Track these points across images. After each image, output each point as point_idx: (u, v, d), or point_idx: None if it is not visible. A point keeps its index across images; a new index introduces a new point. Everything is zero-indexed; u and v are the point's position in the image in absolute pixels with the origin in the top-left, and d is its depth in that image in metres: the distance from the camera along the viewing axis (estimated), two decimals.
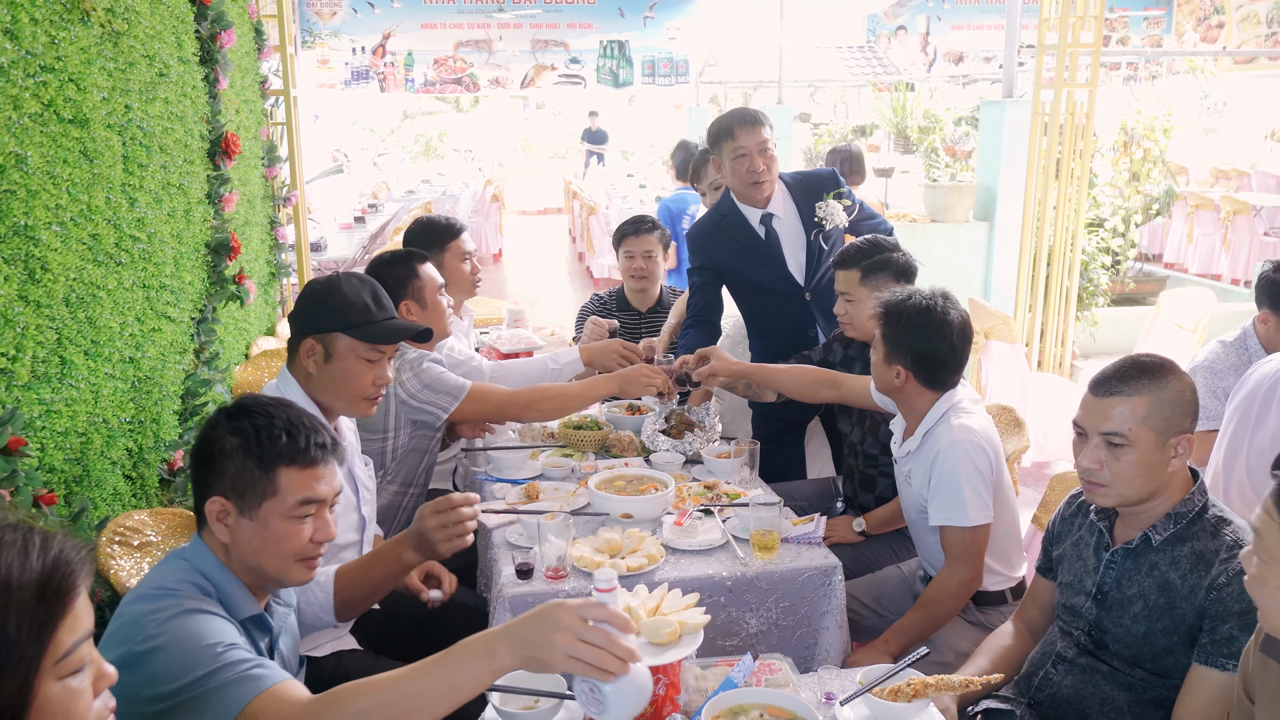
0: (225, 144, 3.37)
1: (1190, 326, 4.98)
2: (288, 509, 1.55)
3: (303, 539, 1.57)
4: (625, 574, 2.20)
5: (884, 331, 2.39)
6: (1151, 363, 1.76)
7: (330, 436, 1.62)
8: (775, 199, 3.18)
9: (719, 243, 3.25)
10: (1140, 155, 7.13)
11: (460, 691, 1.30)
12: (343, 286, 2.22)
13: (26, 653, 0.96)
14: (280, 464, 1.54)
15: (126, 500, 2.50)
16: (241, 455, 1.54)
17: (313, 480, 1.57)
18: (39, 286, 2.08)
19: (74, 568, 1.02)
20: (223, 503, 1.55)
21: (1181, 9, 15.64)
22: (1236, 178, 12.48)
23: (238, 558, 1.56)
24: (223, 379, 3.22)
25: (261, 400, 1.62)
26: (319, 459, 1.58)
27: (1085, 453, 1.77)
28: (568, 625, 1.28)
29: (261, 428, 1.55)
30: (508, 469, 2.85)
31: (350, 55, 14.20)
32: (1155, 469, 1.73)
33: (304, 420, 1.60)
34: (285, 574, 1.58)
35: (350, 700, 1.30)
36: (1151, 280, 8.03)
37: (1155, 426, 1.71)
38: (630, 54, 14.96)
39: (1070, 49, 5.09)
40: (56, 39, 2.17)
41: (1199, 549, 1.71)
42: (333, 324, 2.17)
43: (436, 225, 3.31)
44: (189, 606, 1.45)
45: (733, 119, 3.13)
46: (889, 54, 16.40)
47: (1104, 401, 1.75)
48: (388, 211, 9.90)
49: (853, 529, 2.78)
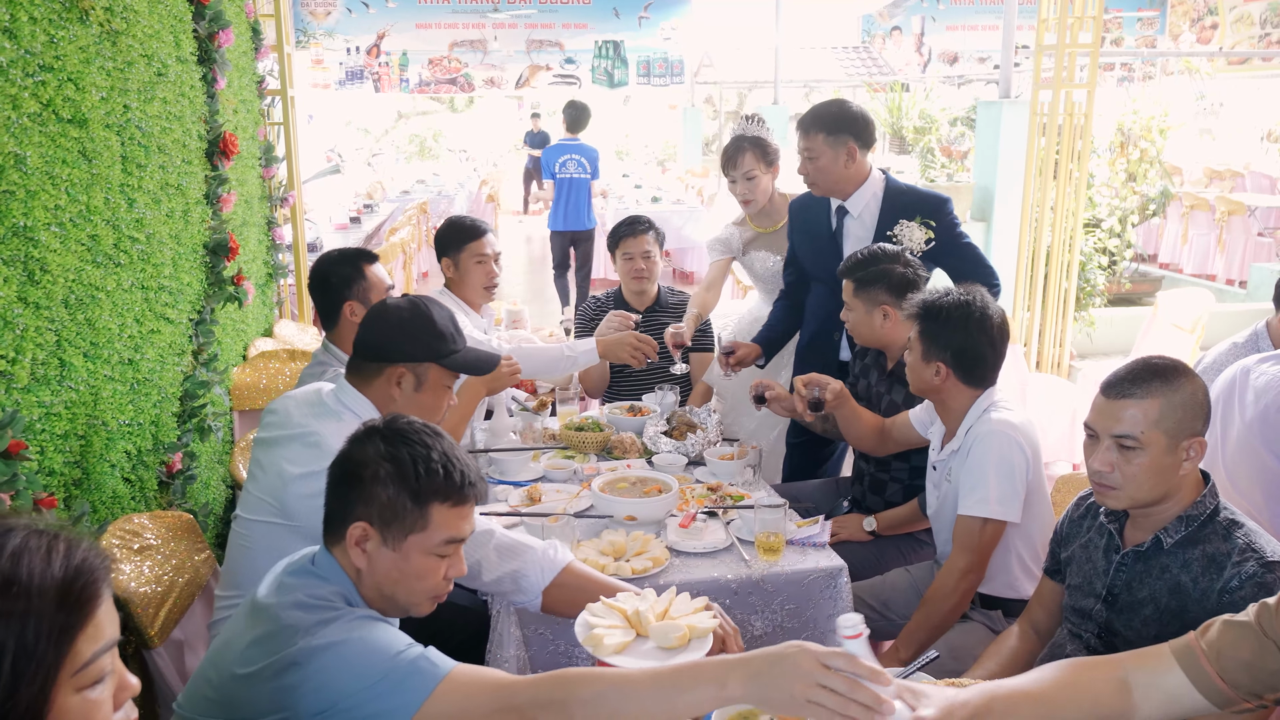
0: (223, 144, 3.35)
1: (1189, 327, 4.98)
2: (433, 546, 1.51)
3: (439, 575, 1.53)
4: (630, 576, 2.19)
5: (922, 329, 2.38)
6: (1163, 365, 1.75)
7: (477, 474, 1.57)
8: (863, 197, 3.15)
9: (800, 219, 3.35)
10: (1137, 156, 7.14)
11: (679, 710, 1.30)
12: (434, 316, 2.18)
13: (44, 661, 0.93)
14: (435, 500, 1.50)
15: (125, 503, 2.48)
16: (396, 485, 1.49)
17: (460, 519, 1.53)
18: (38, 288, 2.06)
19: (96, 575, 0.99)
20: (366, 528, 1.50)
21: (1175, 10, 15.68)
22: (1230, 178, 12.53)
23: (371, 584, 1.53)
24: (221, 381, 3.20)
25: (416, 426, 1.56)
26: (470, 497, 1.54)
27: (1096, 455, 1.76)
28: (808, 671, 1.23)
29: (419, 459, 1.50)
30: (510, 471, 2.83)
31: (345, 55, 14.17)
32: (1166, 471, 1.72)
33: (458, 454, 1.55)
34: (415, 608, 1.56)
35: (580, 685, 1.33)
36: (1147, 281, 8.05)
37: (1167, 429, 1.71)
38: (625, 54, 14.95)
39: (1069, 49, 5.09)
40: (55, 38, 2.15)
41: (1210, 551, 1.71)
42: (426, 354, 2.14)
43: (461, 225, 3.32)
44: (361, 614, 1.45)
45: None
46: (884, 54, 16.42)
47: (1116, 404, 1.74)
48: (383, 212, 9.86)
49: (863, 528, 2.77)
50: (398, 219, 9.45)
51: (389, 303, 2.20)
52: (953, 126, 11.62)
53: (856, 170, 3.12)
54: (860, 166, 3.12)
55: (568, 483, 2.78)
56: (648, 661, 1.64)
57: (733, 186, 3.66)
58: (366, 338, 2.14)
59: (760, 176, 3.59)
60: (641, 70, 15.10)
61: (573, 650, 2.22)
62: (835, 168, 3.10)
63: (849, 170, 3.11)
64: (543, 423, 3.12)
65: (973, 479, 2.31)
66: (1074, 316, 5.72)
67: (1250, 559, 1.65)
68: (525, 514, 2.46)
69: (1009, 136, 5.73)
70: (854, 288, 2.79)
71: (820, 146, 3.08)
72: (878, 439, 2.77)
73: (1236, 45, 14.21)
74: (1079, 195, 5.34)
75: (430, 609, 1.57)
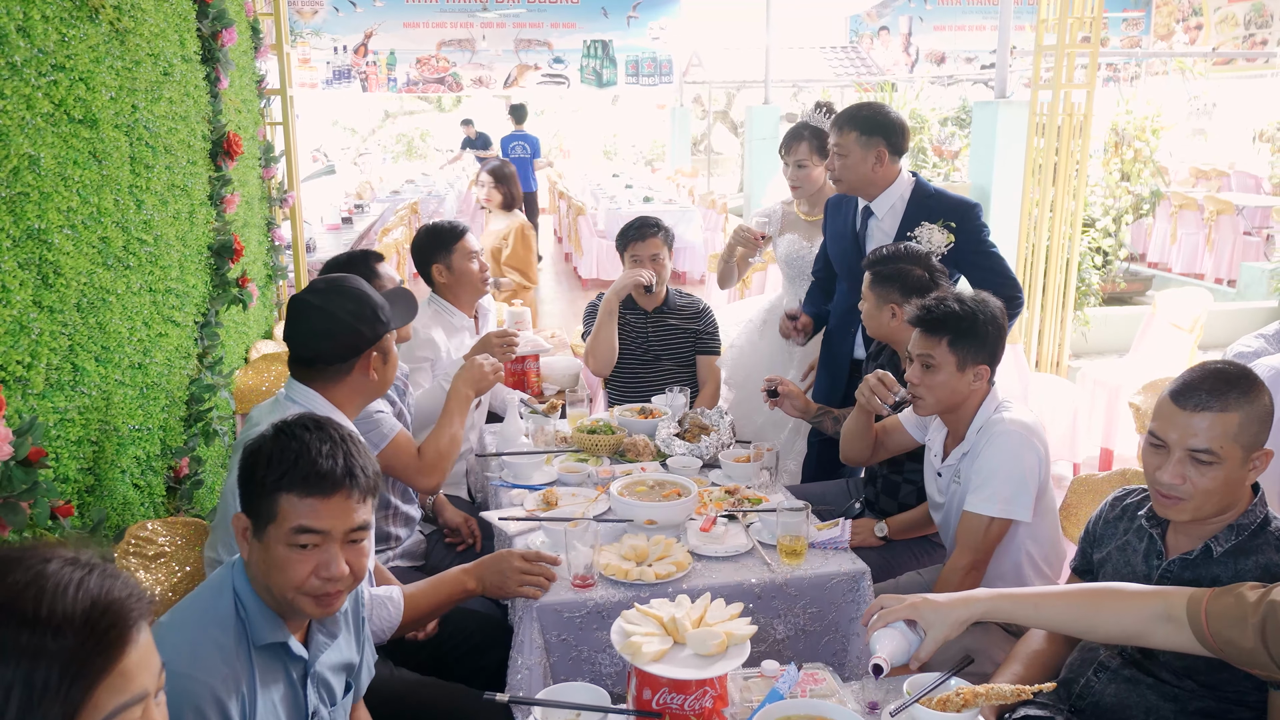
0: (227, 144, 3.31)
1: (1188, 327, 5.00)
2: (285, 535, 1.48)
3: (304, 571, 1.48)
4: (654, 581, 2.17)
5: (954, 339, 2.33)
6: (1238, 374, 1.69)
7: (345, 469, 1.51)
8: (888, 200, 3.18)
9: (833, 215, 3.42)
10: (1131, 156, 7.17)
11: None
12: (367, 290, 2.23)
13: (52, 711, 0.81)
14: (281, 489, 1.48)
15: (135, 509, 2.44)
16: (260, 475, 1.50)
17: (313, 510, 1.48)
18: (52, 292, 2.02)
19: (127, 614, 0.87)
20: (243, 518, 1.52)
21: (1160, 10, 15.78)
22: (1216, 178, 12.62)
23: (254, 578, 1.53)
24: (226, 384, 3.16)
25: (304, 420, 1.55)
26: (321, 488, 1.49)
27: (1167, 467, 1.70)
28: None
29: (280, 448, 1.50)
30: (523, 475, 2.80)
31: (332, 54, 14.08)
32: (1236, 485, 1.69)
33: (326, 448, 1.50)
34: (293, 604, 1.51)
35: None
36: (1139, 280, 8.09)
37: (1244, 443, 1.66)
38: (614, 54, 14.93)
39: (1069, 50, 5.10)
40: (67, 36, 2.11)
41: (1264, 562, 1.68)
42: (384, 328, 2.22)
43: (441, 229, 3.32)
44: None
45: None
46: (872, 54, 16.46)
47: (1193, 415, 1.67)
48: (374, 212, 9.80)
49: (874, 533, 2.76)
50: (389, 219, 9.40)
51: (320, 303, 2.16)
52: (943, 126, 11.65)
53: (884, 174, 3.15)
54: (888, 170, 3.15)
55: (582, 486, 2.75)
56: (686, 670, 1.62)
57: (785, 170, 3.74)
58: (325, 347, 2.14)
59: (812, 167, 3.66)
60: (630, 70, 15.08)
61: (595, 657, 2.19)
62: (863, 168, 3.12)
63: (876, 173, 3.13)
64: (554, 426, 3.09)
65: (982, 477, 2.30)
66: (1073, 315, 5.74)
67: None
68: (544, 518, 2.43)
69: (1005, 136, 5.74)
70: (871, 280, 2.82)
71: (851, 145, 3.12)
72: (866, 444, 2.76)
73: (1221, 45, 14.31)
74: (1080, 196, 5.35)
75: (316, 611, 1.52)
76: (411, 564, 2.71)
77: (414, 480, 2.54)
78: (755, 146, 11.16)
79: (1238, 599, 1.52)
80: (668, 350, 3.67)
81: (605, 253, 10.14)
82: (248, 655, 1.48)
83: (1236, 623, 1.50)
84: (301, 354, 2.17)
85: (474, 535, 2.86)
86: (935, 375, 2.35)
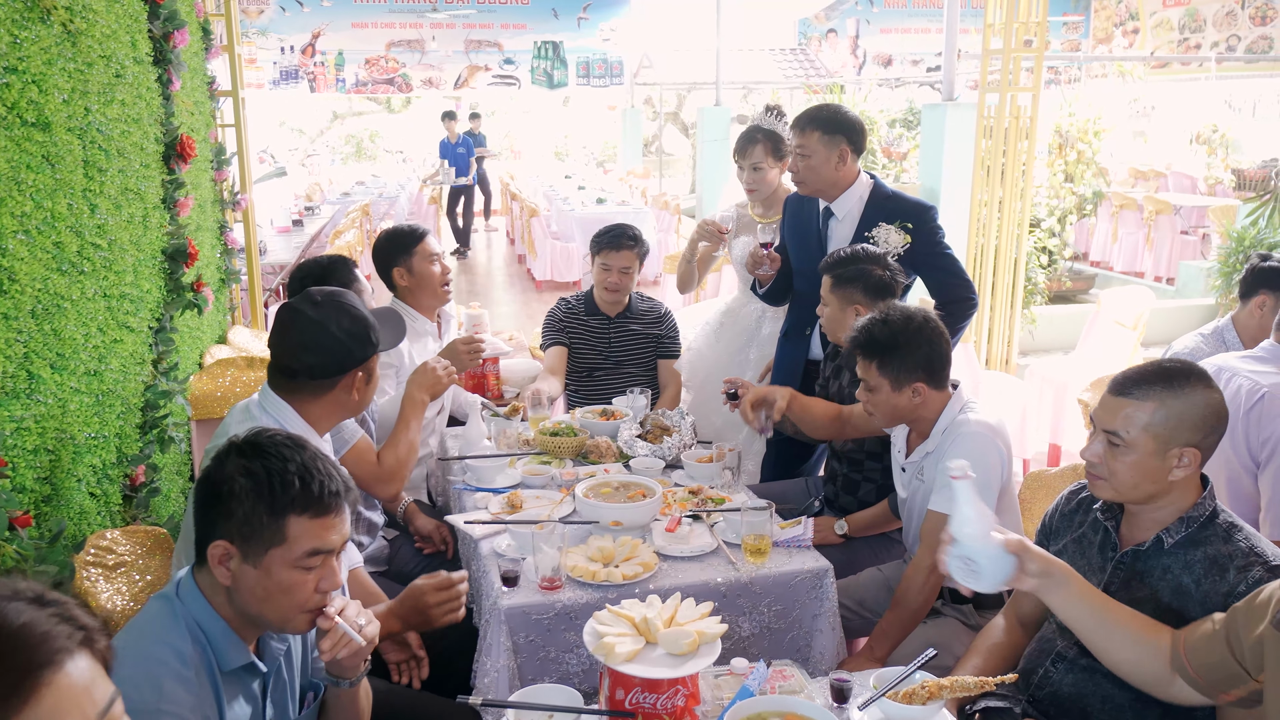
0: (180, 147, 3.26)
1: (1131, 324, 5.13)
2: (294, 559, 1.47)
3: (308, 589, 1.49)
4: (622, 582, 2.19)
5: (882, 362, 2.36)
6: (1174, 369, 1.76)
7: (343, 483, 1.54)
8: (848, 201, 3.21)
9: (792, 213, 3.43)
10: (1074, 157, 7.34)
11: None
12: (364, 311, 2.22)
13: None
14: (292, 512, 1.46)
15: (92, 519, 2.40)
16: (252, 499, 1.46)
17: (324, 529, 1.49)
18: (7, 298, 1.98)
19: (46, 645, 0.79)
20: (226, 547, 1.47)
21: (1099, 15, 16.15)
22: (1155, 178, 12.96)
23: (239, 604, 1.50)
24: (182, 390, 3.12)
25: (276, 439, 1.53)
26: (331, 507, 1.50)
27: (1089, 446, 1.82)
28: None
29: (275, 471, 1.47)
30: (486, 478, 2.80)
31: (279, 54, 13.87)
32: (1152, 474, 1.75)
33: (318, 465, 1.51)
34: (288, 624, 1.51)
35: None
36: (1083, 278, 8.29)
37: (1157, 434, 1.72)
38: (565, 55, 14.90)
39: (1015, 54, 5.21)
40: (19, 38, 2.07)
41: (1212, 553, 1.73)
42: (373, 349, 2.21)
43: (401, 232, 3.29)
44: None
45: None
46: (820, 57, 16.62)
47: (1116, 401, 1.77)
48: (325, 214, 9.68)
49: (834, 531, 2.80)
50: (340, 222, 9.29)
51: (316, 315, 2.13)
52: (891, 128, 11.81)
53: (846, 173, 3.19)
54: (850, 170, 3.20)
55: (546, 488, 2.76)
56: (659, 670, 1.64)
57: (740, 174, 3.73)
58: (312, 361, 2.11)
59: (768, 170, 3.66)
60: (581, 71, 15.06)
61: (563, 657, 2.20)
62: (826, 168, 3.16)
63: (839, 173, 3.17)
64: (516, 428, 3.09)
65: (946, 477, 2.34)
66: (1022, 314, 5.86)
67: (1255, 564, 1.68)
68: (509, 521, 2.44)
69: (953, 138, 5.85)
70: (831, 283, 2.83)
71: (815, 145, 3.15)
72: (836, 426, 2.80)
73: (1157, 49, 14.69)
74: (1027, 196, 5.47)
75: (307, 625, 1.53)
76: (375, 569, 2.70)
77: (372, 488, 2.53)
78: (707, 148, 11.22)
79: (1209, 623, 1.62)
80: (630, 355, 3.69)
81: (559, 254, 10.12)
82: (212, 681, 1.48)
83: (1207, 641, 1.59)
84: (287, 365, 2.13)
85: (445, 542, 2.84)
86: (876, 395, 2.41)
